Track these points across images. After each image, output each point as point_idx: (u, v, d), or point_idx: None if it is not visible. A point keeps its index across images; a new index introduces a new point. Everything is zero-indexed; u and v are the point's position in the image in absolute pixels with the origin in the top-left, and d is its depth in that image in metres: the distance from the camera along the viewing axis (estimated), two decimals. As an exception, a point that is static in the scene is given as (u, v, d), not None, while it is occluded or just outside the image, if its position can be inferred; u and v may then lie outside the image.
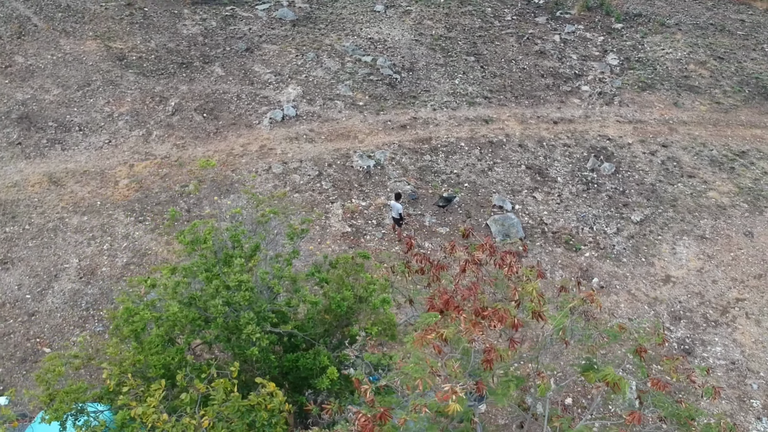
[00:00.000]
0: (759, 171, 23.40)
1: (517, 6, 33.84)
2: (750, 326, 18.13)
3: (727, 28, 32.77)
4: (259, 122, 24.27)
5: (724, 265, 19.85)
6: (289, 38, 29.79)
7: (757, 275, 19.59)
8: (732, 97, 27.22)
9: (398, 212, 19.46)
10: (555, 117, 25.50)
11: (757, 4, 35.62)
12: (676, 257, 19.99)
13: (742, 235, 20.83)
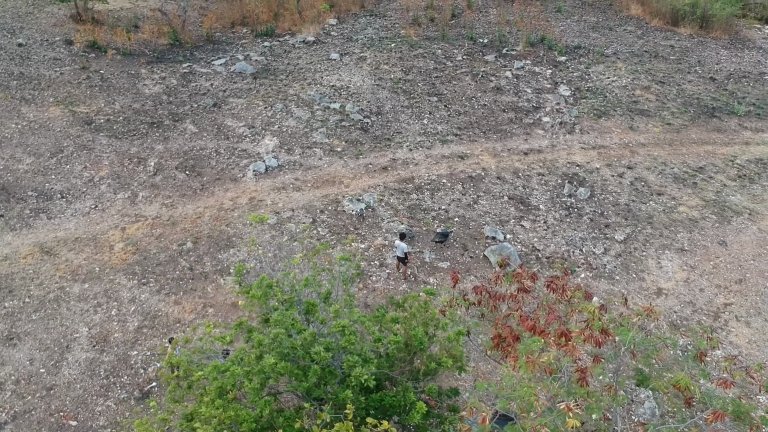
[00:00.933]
0: (719, 184, 25.17)
1: (464, 47, 35.37)
2: (741, 328, 19.43)
3: (660, 54, 35.15)
4: (244, 175, 24.49)
5: (706, 273, 21.23)
6: (254, 91, 30.22)
7: (738, 280, 21.03)
8: (680, 117, 29.21)
9: (403, 251, 20.02)
10: (524, 148, 26.74)
11: (681, 30, 38.42)
12: (663, 270, 21.25)
13: (717, 245, 22.34)
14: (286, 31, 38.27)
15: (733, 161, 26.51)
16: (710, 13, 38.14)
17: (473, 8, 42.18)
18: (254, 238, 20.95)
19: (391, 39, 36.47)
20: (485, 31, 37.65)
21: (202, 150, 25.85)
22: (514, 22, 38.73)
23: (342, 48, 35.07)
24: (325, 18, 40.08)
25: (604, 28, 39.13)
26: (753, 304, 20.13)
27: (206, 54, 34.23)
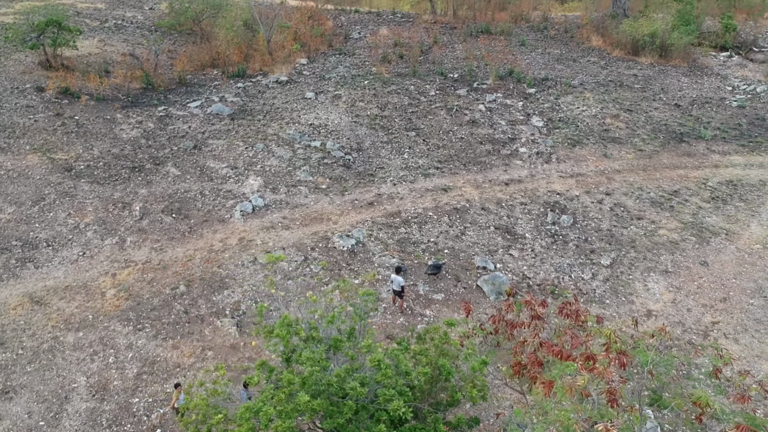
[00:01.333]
0: (694, 206, 26.01)
1: (436, 82, 36.11)
2: (730, 345, 20.01)
3: (625, 83, 36.36)
4: (231, 216, 24.51)
5: (692, 294, 21.86)
6: (233, 132, 30.36)
7: (722, 299, 21.70)
8: (651, 143, 30.19)
9: (400, 285, 20.22)
10: (505, 179, 27.31)
11: (642, 60, 39.83)
12: (650, 293, 21.82)
13: (699, 265, 23.03)
14: (257, 71, 38.59)
15: (705, 184, 27.43)
16: (668, 42, 39.64)
17: (440, 44, 43.13)
18: (271, 278, 20.96)
19: (363, 77, 37.03)
20: (454, 66, 38.51)
21: (187, 192, 25.81)
22: (481, 57, 39.72)
23: (316, 87, 35.49)
24: (296, 58, 40.56)
25: (568, 59, 40.33)
26: (739, 321, 20.75)
27: (180, 97, 34.30)
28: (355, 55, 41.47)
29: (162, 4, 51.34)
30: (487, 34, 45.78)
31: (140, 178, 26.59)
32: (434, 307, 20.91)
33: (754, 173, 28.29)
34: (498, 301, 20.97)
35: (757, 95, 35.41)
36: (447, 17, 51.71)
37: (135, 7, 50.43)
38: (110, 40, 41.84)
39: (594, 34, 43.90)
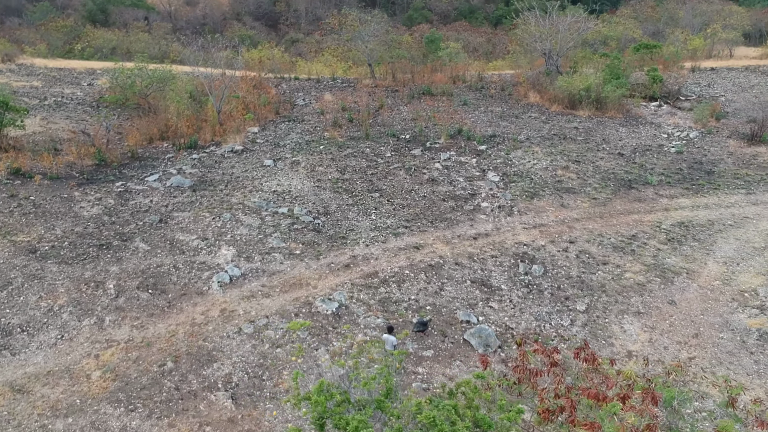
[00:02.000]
0: (653, 249, 27.37)
1: (390, 144, 37.12)
2: (710, 377, 20.97)
3: (568, 136, 38.22)
4: (209, 287, 24.38)
5: (666, 332, 22.89)
6: (197, 203, 30.34)
7: (694, 335, 22.80)
8: (602, 192, 31.72)
9: (392, 344, 20.49)
10: (472, 234, 28.15)
11: (580, 113, 42.00)
12: (627, 334, 22.74)
13: (668, 304, 24.18)
14: (209, 142, 38.81)
15: (659, 227, 28.93)
16: (603, 95, 41.98)
17: (386, 107, 44.39)
18: (300, 345, 20.87)
19: (318, 142, 37.72)
20: (404, 128, 39.67)
21: (160, 267, 25.55)
22: (428, 117, 41.05)
23: (273, 154, 35.93)
24: (246, 127, 41.00)
25: (510, 116, 42.14)
26: (713, 355, 21.81)
27: (135, 171, 34.12)
28: (304, 121, 42.22)
29: (100, 80, 51.22)
30: (429, 95, 47.38)
31: (109, 256, 26.18)
32: (425, 364, 21.20)
33: (702, 214, 30.03)
34: (487, 353, 21.44)
35: (691, 141, 37.76)
36: (386, 81, 53.31)
37: (72, 84, 50.19)
38: (52, 117, 41.44)
39: (531, 91, 46.05)
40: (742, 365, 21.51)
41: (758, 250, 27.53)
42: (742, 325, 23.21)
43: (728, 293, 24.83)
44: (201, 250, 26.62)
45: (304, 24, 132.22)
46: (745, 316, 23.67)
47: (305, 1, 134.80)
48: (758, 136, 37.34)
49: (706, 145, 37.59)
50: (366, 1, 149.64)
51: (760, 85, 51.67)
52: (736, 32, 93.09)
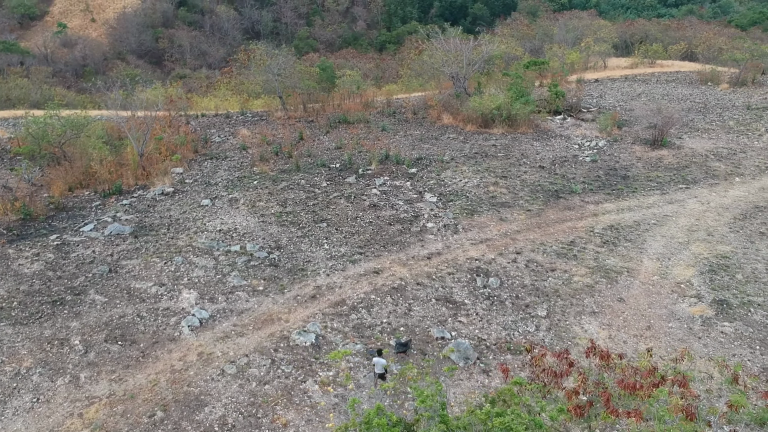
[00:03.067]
0: (592, 252, 29.46)
1: (322, 173, 37.83)
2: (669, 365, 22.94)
3: (489, 153, 40.27)
4: (179, 333, 24.19)
5: (622, 327, 24.78)
6: (143, 250, 29.90)
7: (646, 327, 24.81)
8: (534, 203, 33.73)
9: (383, 367, 21.17)
10: (425, 254, 29.28)
11: (494, 131, 44.29)
12: (588, 333, 24.45)
13: (617, 302, 26.16)
14: (133, 186, 38.14)
15: (592, 231, 31.13)
16: (513, 113, 44.47)
17: (306, 138, 45.04)
18: (348, 373, 20.90)
19: (249, 177, 37.86)
20: (331, 157, 40.45)
21: (123, 317, 25.07)
22: (353, 145, 41.98)
23: (207, 193, 35.79)
24: (169, 168, 40.53)
25: (430, 139, 43.83)
26: (668, 344, 23.84)
27: (66, 222, 33.13)
28: (228, 157, 42.20)
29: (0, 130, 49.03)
30: (345, 123, 48.42)
31: (66, 311, 25.43)
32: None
33: (627, 216, 32.54)
34: (468, 365, 22.50)
35: (601, 149, 40.69)
36: (298, 112, 53.92)
37: (-28, 137, 47.78)
38: (-39, 174, 39.38)
39: (444, 114, 48.03)
40: (694, 349, 23.61)
41: (683, 244, 30.16)
42: (686, 314, 25.44)
43: (667, 286, 27.12)
44: (161, 296, 26.30)
45: (190, 59, 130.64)
46: (686, 305, 25.96)
47: (189, 37, 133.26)
48: (659, 141, 40.74)
49: (615, 152, 40.61)
50: (250, 33, 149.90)
51: (645, 93, 56.14)
52: (607, 44, 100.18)
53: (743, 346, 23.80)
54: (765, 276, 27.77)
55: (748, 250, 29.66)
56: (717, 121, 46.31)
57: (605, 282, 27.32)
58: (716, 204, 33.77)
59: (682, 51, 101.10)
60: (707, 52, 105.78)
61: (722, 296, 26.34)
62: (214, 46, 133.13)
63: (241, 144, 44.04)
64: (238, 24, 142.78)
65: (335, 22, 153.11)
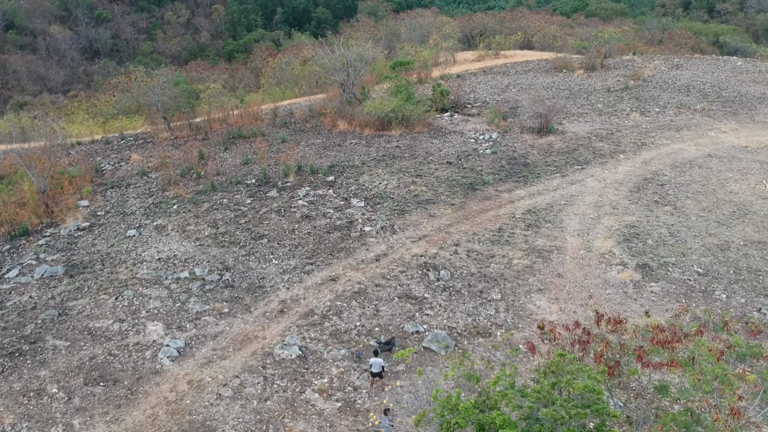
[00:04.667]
0: (521, 236, 32.23)
1: (242, 191, 38.19)
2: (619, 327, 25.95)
3: (396, 154, 42.33)
4: (161, 365, 24.18)
5: (568, 300, 27.60)
6: (85, 288, 29.25)
7: (588, 296, 27.80)
8: (455, 197, 36.12)
9: (380, 366, 22.50)
10: (372, 257, 30.76)
11: (393, 133, 46.44)
12: (542, 309, 27.06)
13: (557, 278, 29.01)
14: (38, 225, 36.68)
15: (514, 217, 33.95)
16: (408, 114, 46.79)
17: (206, 157, 44.86)
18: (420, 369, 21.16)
19: (165, 203, 37.47)
20: (243, 173, 40.61)
21: (94, 359, 24.63)
22: (260, 159, 42.33)
23: (128, 223, 35.14)
24: (73, 202, 39.16)
25: (333, 146, 45.15)
26: (611, 308, 26.91)
27: (-18, 271, 31.45)
28: (132, 185, 41.34)
29: None
30: (241, 138, 48.55)
31: (29, 362, 24.57)
32: (404, 376, 23.46)
33: (539, 200, 35.70)
34: (449, 352, 24.31)
35: (496, 141, 43.90)
36: (184, 131, 53.21)
37: None
38: None
39: (339, 120, 49.43)
40: (633, 309, 26.86)
41: (595, 219, 33.68)
42: (617, 280, 28.71)
43: (594, 258, 30.35)
44: (126, 332, 25.99)
45: (28, 84, 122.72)
46: (615, 273, 29.26)
47: (24, 61, 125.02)
48: (545, 128, 44.57)
49: (509, 142, 43.95)
50: (89, 53, 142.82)
51: (512, 84, 60.49)
52: (454, 39, 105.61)
53: (672, 301, 27.36)
54: (670, 239, 31.73)
55: (650, 217, 33.64)
56: (587, 105, 51.12)
57: (541, 261, 30.07)
58: (611, 180, 37.76)
59: (520, 41, 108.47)
60: (543, 40, 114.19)
61: (642, 261, 29.89)
62: (53, 69, 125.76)
63: (140, 169, 43.10)
64: (75, 44, 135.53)
65: (178, 35, 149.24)
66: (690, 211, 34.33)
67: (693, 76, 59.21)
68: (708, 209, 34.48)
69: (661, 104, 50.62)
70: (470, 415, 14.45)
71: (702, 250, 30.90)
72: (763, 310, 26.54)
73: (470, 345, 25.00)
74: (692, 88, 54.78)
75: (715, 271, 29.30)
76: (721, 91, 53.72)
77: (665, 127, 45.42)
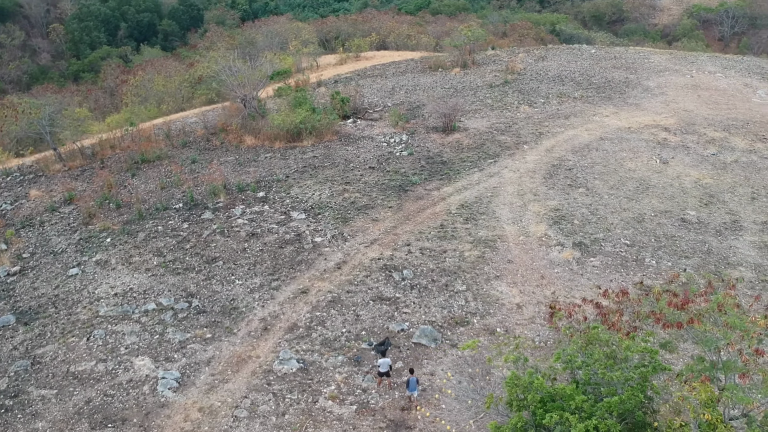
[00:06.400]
0: (463, 230, 34.63)
1: (174, 216, 37.94)
2: (576, 300, 28.97)
3: (316, 165, 43.53)
4: (164, 398, 24.25)
5: (524, 282, 30.27)
6: (47, 334, 28.51)
7: (541, 277, 30.61)
8: (391, 200, 37.94)
9: (388, 365, 23.99)
10: (333, 266, 31.97)
11: (305, 143, 47.57)
12: (505, 294, 29.54)
13: (508, 263, 31.66)
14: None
15: (450, 212, 36.32)
16: (318, 124, 48.05)
17: (115, 185, 43.79)
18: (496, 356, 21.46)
19: (96, 236, 36.58)
20: (165, 198, 39.95)
21: (91, 402, 24.28)
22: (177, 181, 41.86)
23: (64, 263, 34.08)
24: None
25: (248, 162, 45.53)
26: (562, 285, 29.89)
27: None
28: (45, 222, 39.81)
29: None
30: (147, 162, 47.64)
31: (20, 416, 23.85)
32: (404, 373, 25.04)
33: (467, 194, 38.32)
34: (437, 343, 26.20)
35: (408, 143, 46.15)
36: (76, 161, 51.36)
37: None
38: None
39: (246, 135, 49.71)
40: (581, 284, 29.99)
41: (522, 207, 36.75)
42: (561, 260, 31.78)
43: (534, 243, 33.30)
44: (115, 371, 25.72)
45: None
46: (557, 253, 32.34)
47: None
48: (450, 127, 47.40)
49: (420, 143, 46.32)
50: None
51: (397, 86, 62.98)
52: (314, 45, 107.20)
53: (613, 272, 30.79)
54: (592, 217, 35.35)
55: (569, 200, 37.18)
56: (477, 101, 54.59)
57: (489, 251, 32.61)
58: (524, 169, 41.11)
59: (375, 42, 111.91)
60: (398, 39, 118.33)
61: (576, 240, 33.21)
62: None
63: (48, 205, 41.44)
64: None
65: (15, 58, 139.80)
66: (601, 190, 38.25)
67: (560, 66, 64.55)
68: (615, 187, 38.57)
69: (543, 95, 55.08)
70: (543, 389, 16.36)
71: (622, 224, 34.72)
72: (688, 270, 30.53)
73: (453, 335, 26.93)
74: (564, 77, 59.87)
75: (639, 241, 33.11)
76: (591, 78, 59.18)
77: (554, 116, 49.66)
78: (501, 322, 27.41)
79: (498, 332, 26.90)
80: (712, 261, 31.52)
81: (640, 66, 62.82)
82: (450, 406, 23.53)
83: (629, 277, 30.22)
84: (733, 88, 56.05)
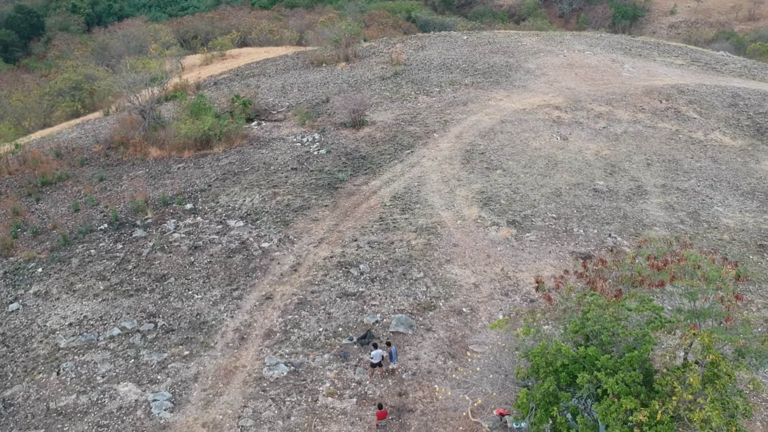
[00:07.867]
0: (402, 220, 36.23)
1: (103, 238, 36.94)
2: (524, 277, 31.47)
3: (235, 171, 43.64)
4: (162, 419, 24.20)
5: (475, 263, 32.36)
6: (9, 374, 27.60)
7: (487, 255, 32.85)
8: (325, 199, 38.82)
9: (380, 356, 25.27)
10: (288, 269, 32.53)
11: (215, 150, 47.44)
12: (461, 277, 31.46)
13: (454, 246, 33.65)
14: None
15: (386, 205, 37.82)
16: (224, 130, 47.90)
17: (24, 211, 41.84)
18: None
19: (23, 268, 35.06)
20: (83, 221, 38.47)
21: None
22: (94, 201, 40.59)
23: (4, 298, 32.49)
24: None
25: (161, 174, 44.76)
26: (508, 262, 32.29)
27: None
28: (-44, 259, 37.45)
29: None
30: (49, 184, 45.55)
31: (12, 462, 23.00)
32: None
33: (395, 186, 39.93)
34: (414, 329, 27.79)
35: (322, 141, 47.04)
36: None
37: None
38: None
39: (150, 147, 48.60)
40: (523, 258, 32.56)
41: (450, 192, 38.90)
42: (500, 238, 34.21)
43: (472, 225, 35.53)
44: (101, 401, 25.32)
45: None
46: (495, 233, 34.74)
47: None
48: (359, 122, 48.77)
49: (333, 140, 47.34)
50: None
51: (289, 84, 63.19)
52: (176, 46, 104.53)
53: (550, 244, 33.59)
54: (515, 196, 38.12)
55: (490, 181, 39.76)
56: (375, 95, 56.18)
57: (434, 237, 34.48)
58: (441, 157, 43.30)
59: (237, 39, 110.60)
60: (260, 35, 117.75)
61: (509, 218, 35.78)
62: None
63: (-47, 241, 38.87)
64: None
65: None
66: (516, 170, 41.15)
67: (441, 54, 67.44)
68: (528, 166, 41.62)
69: (436, 84, 57.59)
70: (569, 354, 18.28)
71: (544, 199, 37.71)
72: (612, 235, 33.88)
73: (425, 320, 28.57)
74: (449, 65, 62.74)
75: (564, 214, 36.19)
76: (474, 65, 62.42)
77: (453, 104, 52.26)
78: (464, 302, 29.31)
79: (464, 312, 28.75)
80: (630, 224, 35.08)
81: (515, 49, 66.87)
82: (443, 385, 25.15)
83: (564, 247, 33.09)
84: (603, 65, 61.22)
